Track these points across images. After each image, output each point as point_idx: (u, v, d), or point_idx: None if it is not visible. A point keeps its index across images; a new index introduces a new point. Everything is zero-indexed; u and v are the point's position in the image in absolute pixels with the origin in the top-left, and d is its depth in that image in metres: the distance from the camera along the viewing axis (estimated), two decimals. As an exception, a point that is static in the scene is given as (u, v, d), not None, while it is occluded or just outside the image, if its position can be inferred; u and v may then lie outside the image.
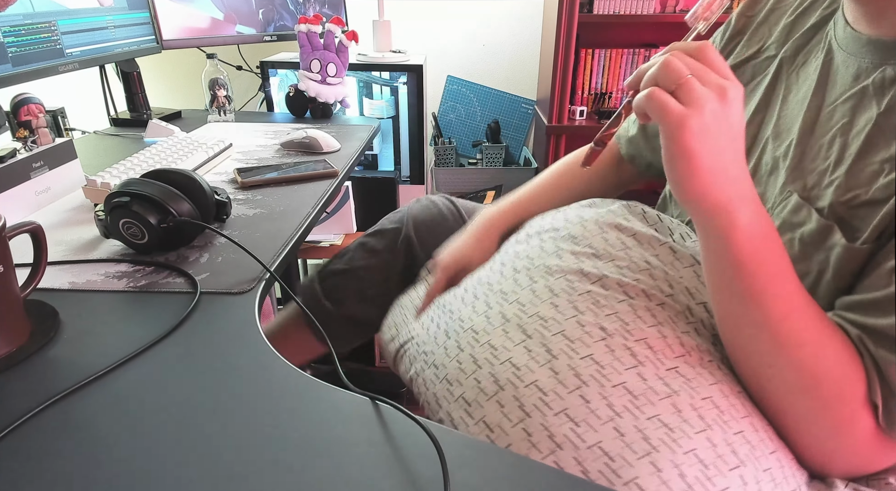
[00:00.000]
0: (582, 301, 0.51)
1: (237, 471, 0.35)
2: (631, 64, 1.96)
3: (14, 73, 0.90)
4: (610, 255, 0.55)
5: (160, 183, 0.61)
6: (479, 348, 0.52)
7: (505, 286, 0.57)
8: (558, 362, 0.47)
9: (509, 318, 0.53)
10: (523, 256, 0.60)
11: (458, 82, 2.10)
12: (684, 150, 0.40)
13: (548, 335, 0.50)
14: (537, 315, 0.52)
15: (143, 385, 0.42)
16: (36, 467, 0.35)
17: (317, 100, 1.30)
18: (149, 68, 1.38)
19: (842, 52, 0.50)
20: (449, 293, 0.64)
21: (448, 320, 0.59)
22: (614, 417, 0.43)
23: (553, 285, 0.54)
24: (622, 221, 0.58)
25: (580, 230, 0.58)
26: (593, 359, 0.47)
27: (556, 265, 0.55)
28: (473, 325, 0.55)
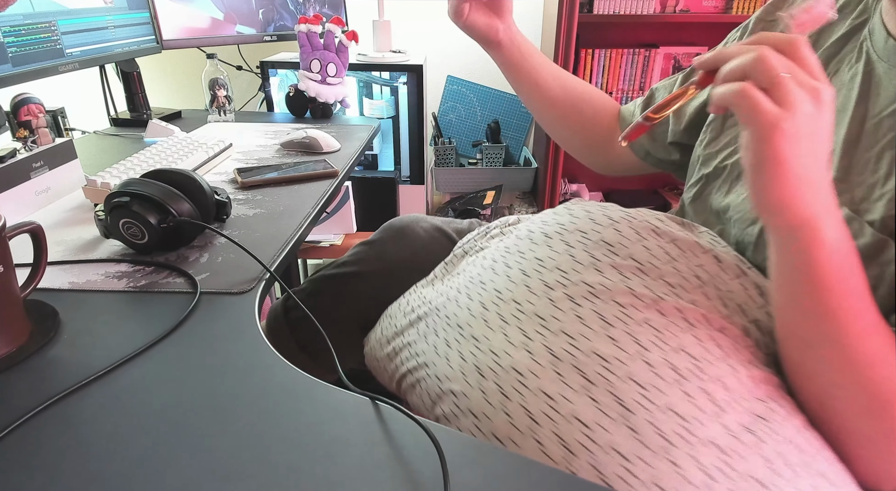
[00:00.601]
0: (642, 333, 0.45)
1: (237, 471, 0.35)
2: (631, 64, 1.96)
3: (14, 73, 0.90)
4: (657, 269, 0.49)
5: (160, 183, 0.61)
6: (532, 397, 0.44)
7: (540, 309, 0.49)
8: (636, 418, 0.40)
9: (558, 354, 0.45)
10: (551, 266, 0.51)
11: (458, 82, 2.10)
12: (775, 156, 0.37)
13: (614, 380, 0.42)
14: (594, 353, 0.44)
15: (143, 385, 0.42)
16: (36, 467, 0.35)
17: (317, 100, 1.30)
18: (149, 68, 1.38)
19: (883, 63, 0.49)
20: (460, 308, 0.54)
21: (475, 350, 0.50)
22: (709, 483, 0.39)
23: (602, 311, 0.46)
24: (658, 224, 0.53)
25: (614, 235, 0.52)
26: (674, 411, 0.41)
27: (599, 283, 0.48)
28: (514, 363, 0.46)
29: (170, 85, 1.72)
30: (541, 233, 0.56)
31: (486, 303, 0.52)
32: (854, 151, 0.49)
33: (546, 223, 0.57)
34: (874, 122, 0.48)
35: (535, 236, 0.56)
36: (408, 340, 0.58)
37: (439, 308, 0.56)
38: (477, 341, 0.50)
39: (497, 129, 2.08)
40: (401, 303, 0.64)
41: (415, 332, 0.57)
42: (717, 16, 1.77)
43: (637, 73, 1.97)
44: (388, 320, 0.64)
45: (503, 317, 0.50)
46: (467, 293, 0.55)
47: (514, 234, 0.60)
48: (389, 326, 0.63)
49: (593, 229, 0.53)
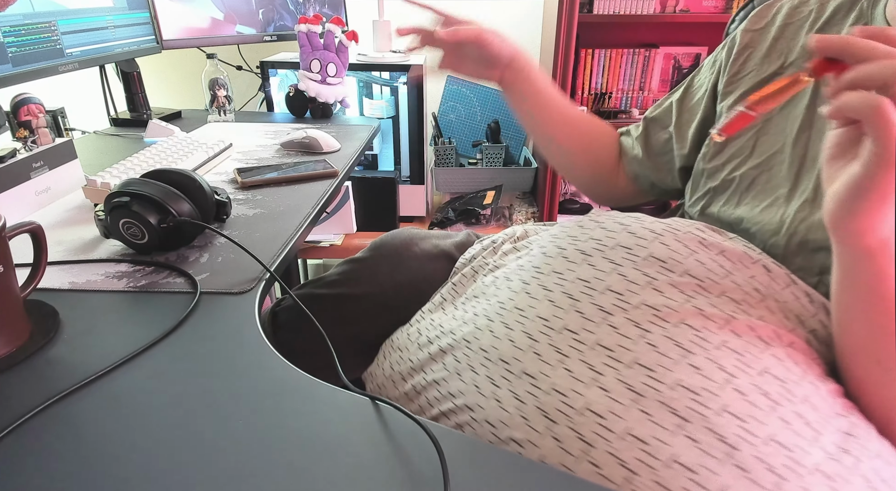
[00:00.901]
0: (724, 357, 0.41)
1: (237, 471, 0.35)
2: (631, 64, 1.96)
3: (14, 73, 0.90)
4: (717, 285, 0.46)
5: (160, 183, 0.61)
6: (620, 442, 0.39)
7: (602, 337, 0.44)
8: (742, 455, 0.37)
9: (639, 390, 0.40)
10: (601, 287, 0.47)
11: (459, 82, 2.10)
12: (884, 188, 0.35)
13: (709, 415, 0.38)
14: (680, 385, 0.40)
15: (143, 385, 0.42)
16: (36, 467, 0.35)
17: (317, 100, 1.30)
18: (149, 68, 1.38)
19: None
20: (499, 340, 0.48)
21: (533, 389, 0.44)
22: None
23: (676, 336, 0.42)
24: (703, 235, 0.50)
25: (662, 249, 0.48)
26: (777, 441, 0.38)
27: (664, 305, 0.45)
28: (588, 403, 0.41)
29: (170, 85, 1.71)
30: (575, 250, 0.52)
31: (532, 332, 0.47)
32: None
33: (577, 239, 0.53)
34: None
35: (568, 253, 0.52)
36: (434, 377, 0.52)
37: (468, 339, 0.51)
38: (533, 379, 0.44)
39: (497, 129, 2.08)
40: (409, 332, 0.59)
41: (441, 368, 0.51)
42: (717, 16, 1.77)
43: (637, 73, 1.97)
44: (398, 354, 0.58)
45: (558, 348, 0.45)
46: (502, 321, 0.50)
47: (537, 250, 0.56)
48: (402, 361, 0.57)
49: (637, 244, 0.49)
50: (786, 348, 0.43)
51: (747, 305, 0.45)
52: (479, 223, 1.82)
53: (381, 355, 0.61)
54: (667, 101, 0.74)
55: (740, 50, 0.64)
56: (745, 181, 0.58)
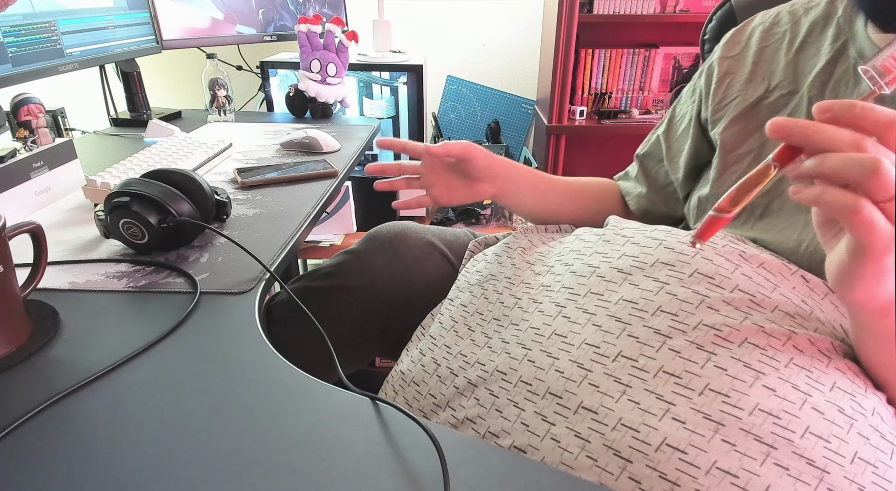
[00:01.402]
0: (795, 376, 0.40)
1: (237, 471, 0.35)
2: (631, 64, 1.96)
3: (14, 73, 0.90)
4: (768, 299, 0.45)
5: (160, 183, 0.61)
6: (708, 478, 0.37)
7: (667, 364, 0.42)
8: (833, 478, 0.36)
9: (719, 419, 0.38)
10: (651, 308, 0.45)
11: (458, 82, 2.10)
12: (881, 270, 0.34)
13: (795, 439, 0.37)
14: (760, 410, 0.38)
15: (143, 385, 0.42)
16: (36, 467, 0.35)
17: (317, 100, 1.30)
18: (149, 68, 1.38)
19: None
20: (542, 371, 0.45)
21: (596, 425, 0.41)
22: None
23: (743, 357, 0.41)
24: (739, 247, 0.49)
25: (707, 265, 0.47)
26: (862, 459, 0.37)
27: (724, 324, 0.43)
28: (666, 438, 0.38)
29: (170, 85, 1.72)
30: (610, 268, 0.49)
31: (582, 361, 0.44)
32: None
33: (608, 256, 0.51)
34: None
35: (604, 272, 0.49)
36: (466, 414, 0.48)
37: (503, 371, 0.47)
38: (594, 414, 0.41)
39: (497, 129, 2.08)
40: (423, 362, 0.55)
41: (474, 403, 0.47)
42: (717, 16, 1.77)
43: (637, 73, 1.97)
44: (415, 388, 0.54)
45: (618, 378, 0.42)
46: (542, 350, 0.46)
47: (561, 267, 0.53)
48: (420, 396, 0.53)
49: (679, 260, 0.47)
50: (845, 361, 0.43)
51: (801, 318, 0.44)
52: (479, 223, 1.82)
53: (390, 389, 0.58)
54: (653, 136, 0.74)
55: (721, 77, 0.64)
56: (757, 209, 0.56)
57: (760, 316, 0.44)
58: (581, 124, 1.93)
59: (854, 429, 0.38)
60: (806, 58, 0.57)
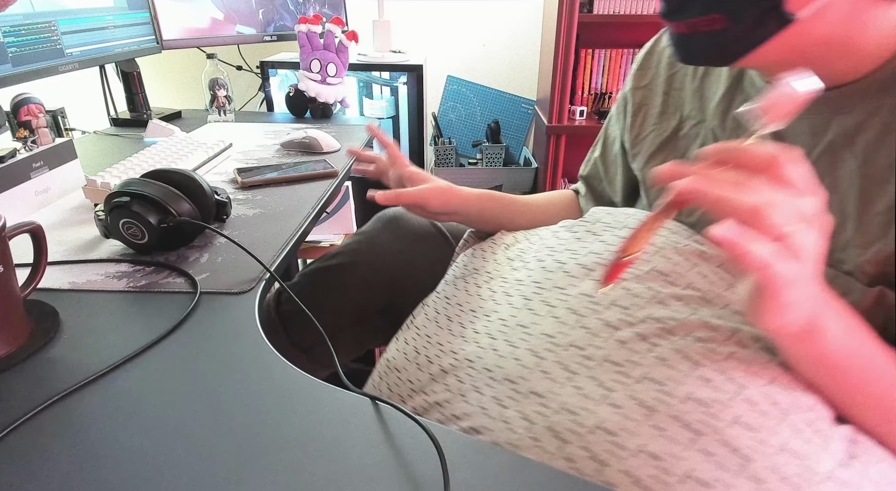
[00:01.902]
0: (732, 368, 0.41)
1: (237, 471, 0.35)
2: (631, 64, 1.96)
3: (14, 73, 0.90)
4: (721, 297, 0.46)
5: (160, 183, 0.61)
6: (635, 460, 0.38)
7: (611, 353, 0.44)
8: (756, 466, 0.37)
9: (652, 406, 0.40)
10: (606, 302, 0.47)
11: (458, 82, 2.10)
12: (784, 305, 0.34)
13: (722, 427, 0.38)
14: (691, 398, 0.40)
15: (143, 385, 0.42)
16: (36, 467, 0.35)
17: (317, 100, 1.30)
18: (149, 68, 1.38)
19: None
20: (503, 358, 0.48)
21: (541, 409, 0.43)
22: None
23: (685, 349, 0.42)
24: (701, 247, 0.50)
25: (665, 263, 0.49)
26: (789, 450, 0.38)
27: (671, 318, 0.44)
28: (600, 421, 0.41)
29: (170, 85, 1.72)
30: (575, 264, 0.52)
31: (538, 350, 0.47)
32: None
33: (576, 252, 0.53)
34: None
35: (569, 268, 0.51)
36: (437, 398, 0.51)
37: (471, 359, 0.50)
38: (541, 398, 0.44)
39: (497, 129, 2.08)
40: (406, 351, 0.58)
41: (443, 389, 0.50)
42: (717, 16, 1.77)
43: (637, 73, 1.97)
44: (396, 375, 0.57)
45: (566, 366, 0.44)
46: (506, 339, 0.49)
47: (535, 263, 0.56)
48: (401, 382, 0.56)
49: (640, 258, 0.49)
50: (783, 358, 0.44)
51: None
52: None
53: (376, 376, 0.60)
54: (591, 157, 0.76)
55: (635, 110, 0.64)
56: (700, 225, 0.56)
57: (709, 312, 0.45)
58: (581, 124, 1.93)
59: (787, 422, 0.39)
60: (709, 84, 0.57)
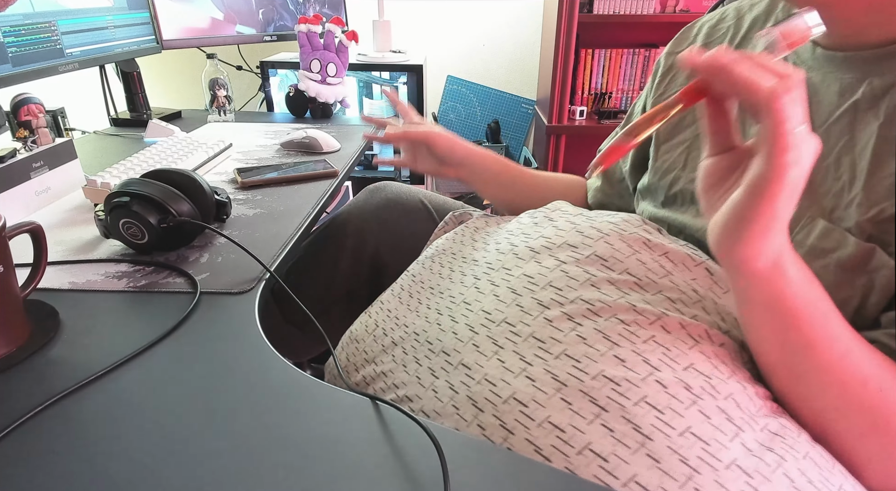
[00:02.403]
0: (650, 351, 0.42)
1: (237, 471, 0.35)
2: (631, 64, 1.96)
3: (14, 73, 0.90)
4: (655, 283, 0.47)
5: (160, 183, 0.61)
6: (539, 430, 0.40)
7: (537, 330, 0.45)
8: (656, 445, 0.38)
9: (564, 380, 0.42)
10: (543, 283, 0.49)
11: (458, 82, 2.10)
12: (772, 214, 0.34)
13: (629, 406, 0.39)
14: (602, 375, 0.41)
15: (143, 385, 0.42)
16: (36, 467, 0.35)
17: (317, 100, 1.30)
18: (149, 68, 1.38)
19: (817, 72, 0.49)
20: (445, 333, 0.50)
21: (466, 379, 0.45)
22: None
23: (605, 329, 0.44)
24: (648, 236, 0.51)
25: (606, 249, 0.50)
26: (694, 434, 0.38)
27: (599, 300, 0.46)
28: (515, 392, 0.42)
29: (170, 85, 1.72)
30: (525, 247, 0.54)
31: (474, 325, 0.49)
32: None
33: (529, 236, 0.55)
34: (822, 131, 0.47)
35: (519, 251, 0.54)
36: (382, 368, 0.53)
37: (418, 332, 0.52)
38: (468, 370, 0.46)
39: (497, 128, 2.08)
40: (367, 323, 0.60)
41: (390, 359, 0.53)
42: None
43: (637, 73, 1.97)
44: (355, 345, 0.59)
45: (496, 341, 0.46)
46: (450, 315, 0.51)
47: (492, 246, 0.58)
48: (357, 352, 0.58)
49: (583, 243, 0.51)
50: (715, 347, 0.44)
51: (682, 303, 0.46)
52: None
53: (339, 346, 0.62)
54: (616, 132, 0.76)
55: (664, 72, 0.65)
56: (686, 195, 0.58)
57: (638, 297, 0.46)
58: (581, 124, 1.93)
59: (696, 406, 0.39)
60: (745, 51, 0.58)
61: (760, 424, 0.40)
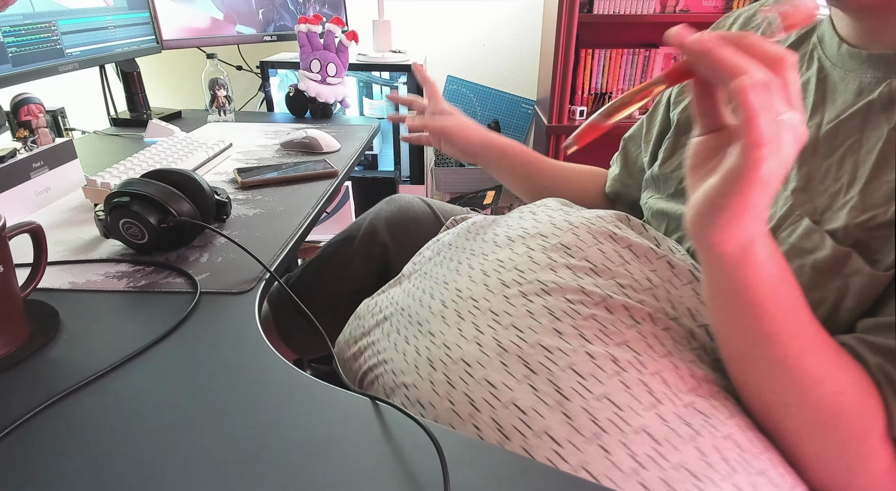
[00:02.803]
0: (588, 327, 0.46)
1: (237, 471, 0.35)
2: (631, 64, 1.96)
3: (14, 73, 0.90)
4: (610, 270, 0.51)
5: (160, 183, 0.61)
6: (476, 386, 0.45)
7: (495, 305, 0.50)
8: (571, 405, 0.41)
9: (506, 347, 0.46)
10: (510, 266, 0.53)
11: (458, 82, 2.10)
12: (744, 204, 0.34)
13: (555, 370, 0.43)
14: (539, 344, 0.45)
15: (143, 385, 0.42)
16: (36, 467, 0.35)
17: (317, 100, 1.30)
18: (149, 68, 1.38)
19: (838, 69, 0.49)
20: (422, 307, 0.56)
21: (429, 344, 0.51)
22: (639, 470, 0.39)
23: (552, 307, 0.48)
24: (615, 230, 0.54)
25: (572, 239, 0.54)
26: (610, 399, 0.41)
27: (553, 282, 0.50)
28: (464, 355, 0.48)
29: (170, 85, 1.72)
30: (505, 236, 0.58)
31: (446, 301, 0.54)
32: (813, 160, 0.48)
33: (511, 227, 0.59)
34: (830, 128, 0.47)
35: (499, 240, 0.58)
36: (372, 339, 0.58)
37: (404, 308, 0.58)
38: (433, 337, 0.51)
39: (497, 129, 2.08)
40: (369, 304, 0.65)
41: (380, 331, 0.58)
42: (717, 16, 1.77)
43: (637, 73, 1.97)
44: (357, 322, 0.64)
45: (460, 313, 0.52)
46: (430, 293, 0.57)
47: (480, 237, 0.62)
48: (357, 327, 0.63)
49: (553, 233, 0.55)
50: (658, 330, 0.46)
51: (631, 289, 0.49)
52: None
53: (347, 324, 0.67)
54: (641, 120, 0.76)
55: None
56: (672, 182, 0.59)
57: (590, 280, 0.50)
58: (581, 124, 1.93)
59: (619, 377, 0.43)
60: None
61: (685, 400, 0.42)
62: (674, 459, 0.39)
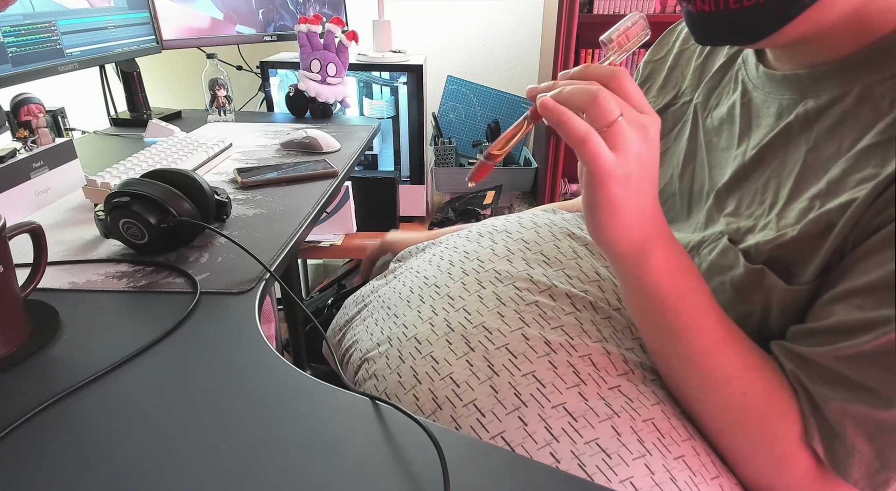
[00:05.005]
0: (528, 312, 0.49)
1: (237, 471, 0.35)
2: (631, 64, 1.96)
3: (14, 73, 0.90)
4: (560, 263, 0.54)
5: (160, 183, 0.61)
6: (421, 361, 0.50)
7: (452, 290, 0.55)
8: (499, 380, 0.45)
9: (454, 327, 0.51)
10: (473, 256, 0.58)
11: (458, 82, 2.10)
12: (609, 200, 0.38)
13: (491, 349, 0.47)
14: (482, 325, 0.49)
15: (143, 385, 0.42)
16: (36, 467, 0.35)
17: (317, 100, 1.30)
18: (149, 68, 1.38)
19: (759, 92, 0.49)
20: (394, 293, 0.61)
21: (392, 325, 0.56)
22: (551, 442, 0.41)
23: (501, 293, 0.52)
24: (575, 230, 0.57)
25: (533, 235, 0.58)
26: (535, 377, 0.45)
27: (506, 271, 0.54)
28: (417, 333, 0.52)
29: (170, 85, 1.72)
30: (477, 233, 0.63)
31: (414, 288, 0.59)
32: (745, 185, 0.48)
33: (485, 225, 0.64)
34: (757, 153, 0.48)
35: (472, 236, 0.63)
36: (352, 324, 0.64)
37: (380, 295, 0.63)
38: (396, 318, 0.56)
39: (497, 129, 2.08)
40: (355, 295, 0.69)
41: (359, 317, 0.63)
42: (717, 16, 1.77)
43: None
44: (343, 311, 0.68)
45: (422, 298, 0.56)
46: (403, 281, 0.62)
47: (464, 233, 0.66)
48: (342, 316, 0.67)
49: (517, 231, 0.60)
50: (598, 318, 0.49)
51: (578, 280, 0.52)
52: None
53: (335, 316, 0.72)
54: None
55: (641, 82, 0.66)
56: (674, 207, 0.59)
57: (540, 270, 0.53)
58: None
59: (548, 358, 0.46)
60: (711, 62, 0.58)
61: (611, 383, 0.45)
62: (587, 436, 0.41)
